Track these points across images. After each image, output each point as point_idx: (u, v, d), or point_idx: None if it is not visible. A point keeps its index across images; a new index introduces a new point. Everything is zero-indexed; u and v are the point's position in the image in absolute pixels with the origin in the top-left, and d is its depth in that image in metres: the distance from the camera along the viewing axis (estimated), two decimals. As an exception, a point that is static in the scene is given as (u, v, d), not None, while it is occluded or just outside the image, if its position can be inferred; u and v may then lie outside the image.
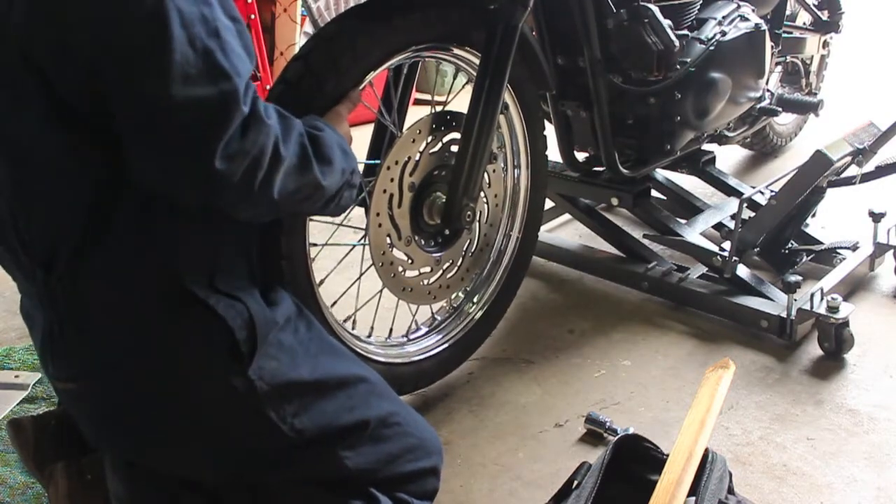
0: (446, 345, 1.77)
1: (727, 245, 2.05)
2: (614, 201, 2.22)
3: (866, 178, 2.25)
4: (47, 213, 1.04)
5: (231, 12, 1.01)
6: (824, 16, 2.82)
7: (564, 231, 2.62)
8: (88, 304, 1.06)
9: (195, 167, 0.96)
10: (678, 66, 1.98)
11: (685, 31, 2.04)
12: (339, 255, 1.76)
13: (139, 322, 1.07)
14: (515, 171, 1.85)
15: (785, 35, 2.58)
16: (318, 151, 1.11)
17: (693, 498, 1.26)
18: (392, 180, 1.53)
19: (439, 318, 1.81)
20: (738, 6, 2.21)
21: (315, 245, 1.51)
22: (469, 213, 1.60)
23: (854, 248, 2.24)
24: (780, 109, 2.46)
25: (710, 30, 2.08)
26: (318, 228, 1.85)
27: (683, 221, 2.26)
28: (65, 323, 1.07)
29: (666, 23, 1.92)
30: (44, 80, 0.98)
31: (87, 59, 0.94)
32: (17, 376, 1.83)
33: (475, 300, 1.84)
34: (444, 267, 1.70)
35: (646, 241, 2.27)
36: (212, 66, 0.95)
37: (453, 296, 1.80)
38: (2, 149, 1.04)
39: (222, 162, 0.95)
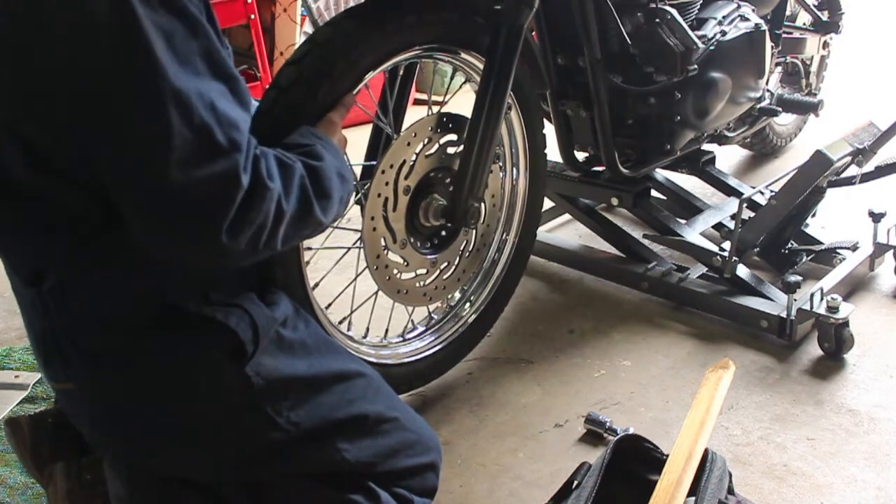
0: (441, 345, 1.77)
1: (727, 245, 2.05)
2: (614, 201, 2.22)
3: (866, 178, 2.25)
4: (33, 241, 1.04)
5: (224, 71, 0.97)
6: (824, 16, 2.82)
7: (564, 231, 2.62)
8: (80, 316, 1.06)
9: (200, 245, 0.95)
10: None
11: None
12: (334, 255, 1.76)
13: (133, 334, 1.08)
14: (514, 170, 1.85)
15: (785, 35, 2.58)
16: (318, 188, 1.09)
17: (693, 498, 1.26)
18: (387, 184, 1.53)
19: (436, 317, 1.81)
20: (738, 6, 2.20)
21: (309, 249, 1.51)
22: (475, 213, 1.60)
23: (854, 248, 2.23)
24: (780, 109, 2.45)
25: (710, 30, 2.08)
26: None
27: (683, 221, 2.26)
28: (58, 332, 1.07)
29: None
30: (32, 150, 0.96)
31: (80, 144, 0.93)
32: (17, 376, 1.83)
33: (472, 300, 1.83)
34: (441, 268, 1.70)
35: (646, 241, 2.27)
36: (210, 144, 0.92)
37: (449, 296, 1.80)
38: None
39: (227, 237, 0.95)
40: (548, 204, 2.45)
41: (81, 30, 0.87)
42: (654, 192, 2.34)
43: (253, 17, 3.46)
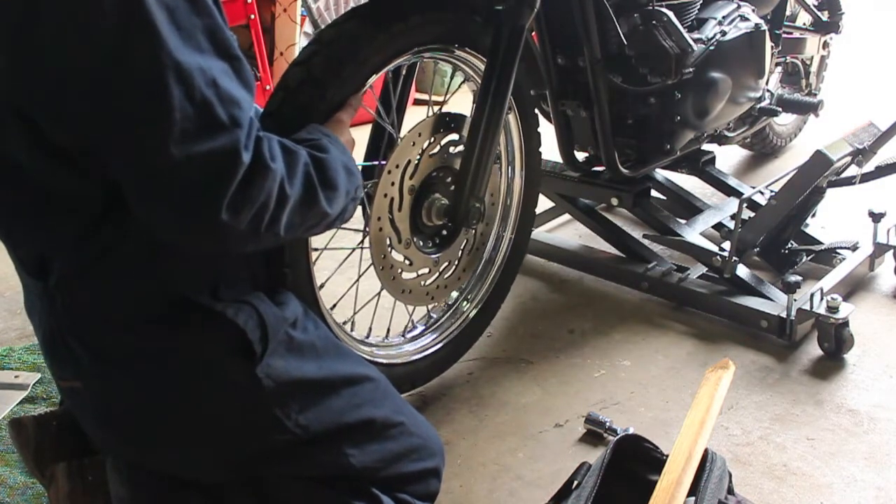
0: (442, 343, 1.77)
1: (727, 245, 2.05)
2: (614, 201, 2.22)
3: (866, 178, 2.25)
4: (36, 229, 1.04)
5: (227, 51, 0.96)
6: (824, 16, 2.82)
7: (564, 231, 2.62)
8: (87, 312, 1.06)
9: (200, 221, 0.95)
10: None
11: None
12: (336, 256, 1.76)
13: (141, 330, 1.07)
14: (510, 169, 1.86)
15: (785, 35, 2.58)
16: (323, 178, 1.08)
17: (693, 498, 1.26)
18: (392, 184, 1.53)
19: (435, 315, 1.81)
20: (738, 6, 2.21)
21: (315, 250, 1.51)
22: (476, 213, 1.60)
23: (854, 248, 2.24)
24: (780, 109, 2.46)
25: (710, 30, 2.08)
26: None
27: (683, 221, 2.26)
28: (65, 329, 1.07)
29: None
30: (34, 130, 0.95)
31: (81, 120, 0.92)
32: (17, 376, 1.84)
33: (470, 297, 1.84)
34: (442, 267, 1.70)
35: (646, 241, 2.28)
36: (210, 119, 0.92)
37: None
38: None
39: (228, 214, 0.94)
40: (548, 204, 2.46)
41: (83, 3, 0.87)
42: (654, 192, 2.35)
43: (253, 17, 3.46)
